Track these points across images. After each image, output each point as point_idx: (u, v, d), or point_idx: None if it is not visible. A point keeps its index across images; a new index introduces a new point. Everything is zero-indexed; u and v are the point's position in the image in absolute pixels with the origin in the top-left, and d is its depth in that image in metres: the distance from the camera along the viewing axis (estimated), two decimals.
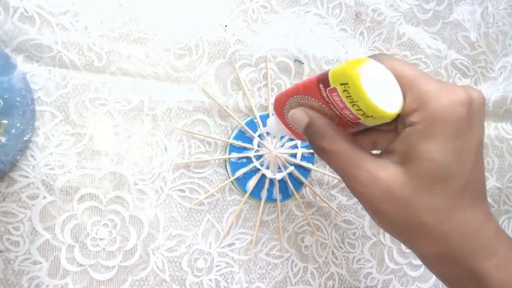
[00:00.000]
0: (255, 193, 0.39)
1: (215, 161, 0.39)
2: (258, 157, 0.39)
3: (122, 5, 0.36)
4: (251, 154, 0.39)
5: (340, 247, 0.42)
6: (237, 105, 0.39)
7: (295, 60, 0.41)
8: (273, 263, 0.40)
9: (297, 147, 0.40)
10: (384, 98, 0.21)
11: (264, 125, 0.38)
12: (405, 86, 0.22)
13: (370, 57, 0.24)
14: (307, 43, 0.41)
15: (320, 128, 0.25)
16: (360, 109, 0.21)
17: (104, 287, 0.35)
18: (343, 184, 0.42)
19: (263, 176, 0.39)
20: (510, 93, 0.49)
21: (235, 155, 0.38)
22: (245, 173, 0.39)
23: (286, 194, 0.40)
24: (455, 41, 0.47)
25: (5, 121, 0.31)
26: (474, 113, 0.22)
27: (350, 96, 0.21)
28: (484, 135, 0.24)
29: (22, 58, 0.34)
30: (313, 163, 0.41)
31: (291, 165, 0.40)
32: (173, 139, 0.37)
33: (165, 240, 0.37)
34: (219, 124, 0.39)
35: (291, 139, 0.40)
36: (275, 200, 0.39)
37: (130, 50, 0.36)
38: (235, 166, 0.38)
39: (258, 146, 0.39)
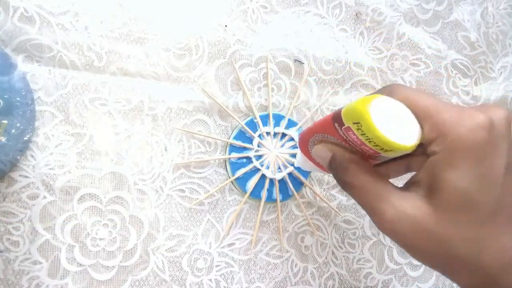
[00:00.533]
0: (255, 193, 0.39)
1: (215, 161, 0.39)
2: (258, 157, 0.39)
3: (122, 5, 0.36)
4: (251, 154, 0.39)
5: (340, 247, 0.42)
6: (237, 105, 0.39)
7: (295, 60, 0.41)
8: (273, 263, 0.40)
9: (297, 147, 0.40)
10: (399, 131, 0.20)
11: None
12: (422, 116, 0.21)
13: (383, 88, 0.23)
14: (307, 43, 0.41)
15: (343, 163, 0.24)
16: (377, 145, 0.21)
17: (104, 287, 0.35)
18: None
19: (263, 176, 0.39)
20: (510, 93, 0.49)
21: (235, 155, 0.38)
22: (245, 173, 0.39)
23: (286, 194, 0.40)
24: (455, 41, 0.47)
25: (5, 121, 0.31)
26: (497, 135, 0.21)
27: (365, 134, 0.21)
28: None
29: (22, 58, 0.34)
30: None
31: (291, 165, 0.40)
32: (173, 139, 0.37)
33: (165, 240, 0.37)
34: (219, 124, 0.39)
35: (291, 139, 0.40)
36: (275, 200, 0.39)
37: (130, 50, 0.36)
38: (235, 166, 0.38)
39: (258, 146, 0.39)
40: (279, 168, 0.39)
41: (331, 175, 0.34)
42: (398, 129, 0.21)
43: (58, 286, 0.34)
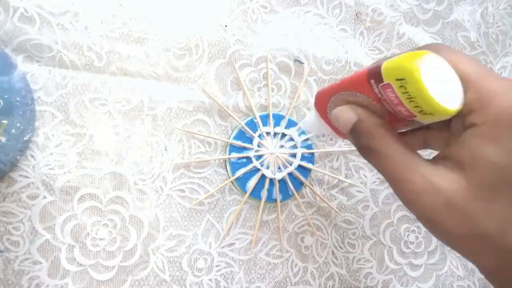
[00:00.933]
0: (255, 193, 0.39)
1: (215, 161, 0.39)
2: (258, 157, 0.39)
3: (122, 5, 0.36)
4: (251, 154, 0.39)
5: (340, 247, 0.42)
6: (237, 105, 0.39)
7: (295, 60, 0.41)
8: (273, 263, 0.40)
9: (297, 147, 0.40)
10: (444, 94, 0.19)
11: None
12: (467, 82, 0.20)
13: (429, 45, 0.22)
14: (307, 43, 0.41)
15: (371, 128, 0.23)
16: (418, 106, 0.20)
17: (104, 287, 0.35)
18: (343, 184, 0.42)
19: (263, 176, 0.39)
20: None
21: (235, 155, 0.38)
22: (245, 173, 0.38)
23: (286, 194, 0.40)
24: (455, 41, 0.47)
25: (5, 121, 0.31)
26: None
27: (408, 92, 0.19)
28: None
29: (22, 58, 0.34)
30: (313, 163, 0.41)
31: (291, 165, 0.40)
32: (173, 139, 0.37)
33: (165, 240, 0.37)
34: (219, 124, 0.39)
35: (291, 139, 0.40)
36: (275, 200, 0.39)
37: (130, 50, 0.36)
38: (235, 166, 0.38)
39: (258, 146, 0.39)
40: (279, 168, 0.39)
41: (345, 140, 0.31)
42: (443, 91, 0.19)
43: (58, 286, 0.34)
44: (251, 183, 0.39)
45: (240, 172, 0.38)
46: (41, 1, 0.34)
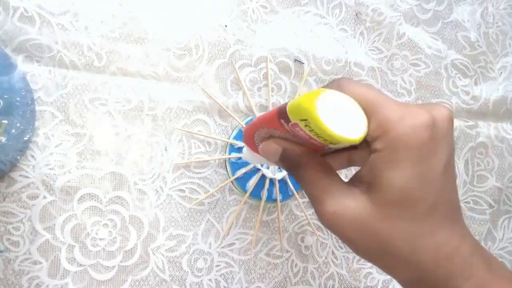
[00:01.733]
0: (255, 193, 0.39)
1: (215, 161, 0.39)
2: None
3: (122, 5, 0.36)
4: None
5: (340, 247, 0.42)
6: (237, 105, 0.39)
7: (295, 60, 0.41)
8: (273, 263, 0.40)
9: None
10: (347, 124, 0.20)
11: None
12: (368, 111, 0.21)
13: (330, 83, 0.23)
14: (307, 43, 0.41)
15: (295, 157, 0.25)
16: (325, 139, 0.21)
17: (104, 287, 0.35)
18: None
19: (263, 176, 0.39)
20: (510, 93, 0.49)
21: (235, 155, 0.38)
22: (245, 173, 0.39)
23: (286, 194, 0.40)
24: (455, 41, 0.47)
25: (5, 121, 0.31)
26: (438, 134, 0.21)
27: (313, 130, 0.20)
28: (453, 153, 0.23)
29: (22, 58, 0.34)
30: None
31: None
32: (173, 139, 0.37)
33: (165, 240, 0.37)
34: (219, 124, 0.39)
35: None
36: (275, 200, 0.39)
37: (130, 50, 0.36)
38: (235, 166, 0.38)
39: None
40: (279, 168, 0.39)
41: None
42: (345, 123, 0.20)
43: (58, 286, 0.34)
44: (251, 183, 0.39)
45: (240, 172, 0.38)
46: (41, 1, 0.34)
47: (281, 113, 0.22)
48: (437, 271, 0.22)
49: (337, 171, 0.25)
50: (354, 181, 0.24)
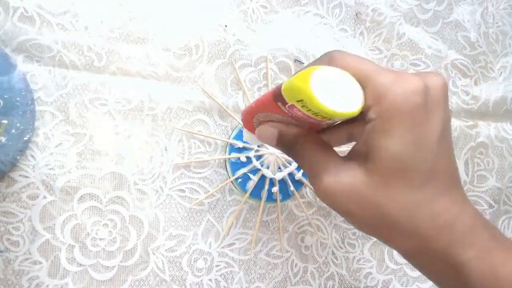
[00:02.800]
0: (255, 193, 0.39)
1: (215, 161, 0.39)
2: (258, 157, 0.39)
3: (122, 5, 0.36)
4: (251, 154, 0.39)
5: (340, 247, 0.42)
6: (237, 105, 0.39)
7: (295, 60, 0.41)
8: (273, 263, 0.40)
9: None
10: (344, 99, 0.20)
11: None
12: (362, 82, 0.21)
13: (321, 57, 0.23)
14: (307, 43, 0.41)
15: (291, 139, 0.25)
16: (324, 117, 0.21)
17: (104, 287, 0.35)
18: None
19: (263, 176, 0.39)
20: (510, 93, 0.49)
21: (235, 155, 0.38)
22: (245, 173, 0.38)
23: (286, 194, 0.40)
24: (455, 41, 0.47)
25: (5, 121, 0.31)
26: (431, 101, 0.21)
27: (310, 110, 0.20)
28: (449, 121, 0.23)
29: (22, 58, 0.34)
30: None
31: (291, 164, 0.40)
32: (173, 139, 0.37)
33: (165, 240, 0.37)
34: (219, 124, 0.39)
35: None
36: (275, 200, 0.39)
37: (130, 50, 0.36)
38: (235, 166, 0.38)
39: (258, 146, 0.39)
40: (279, 168, 0.39)
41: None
42: (342, 97, 0.20)
43: (58, 286, 0.34)
44: (251, 183, 0.39)
45: (240, 172, 0.38)
46: (41, 1, 0.34)
47: (277, 96, 0.22)
48: (438, 240, 0.22)
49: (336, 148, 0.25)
50: (351, 155, 0.24)
